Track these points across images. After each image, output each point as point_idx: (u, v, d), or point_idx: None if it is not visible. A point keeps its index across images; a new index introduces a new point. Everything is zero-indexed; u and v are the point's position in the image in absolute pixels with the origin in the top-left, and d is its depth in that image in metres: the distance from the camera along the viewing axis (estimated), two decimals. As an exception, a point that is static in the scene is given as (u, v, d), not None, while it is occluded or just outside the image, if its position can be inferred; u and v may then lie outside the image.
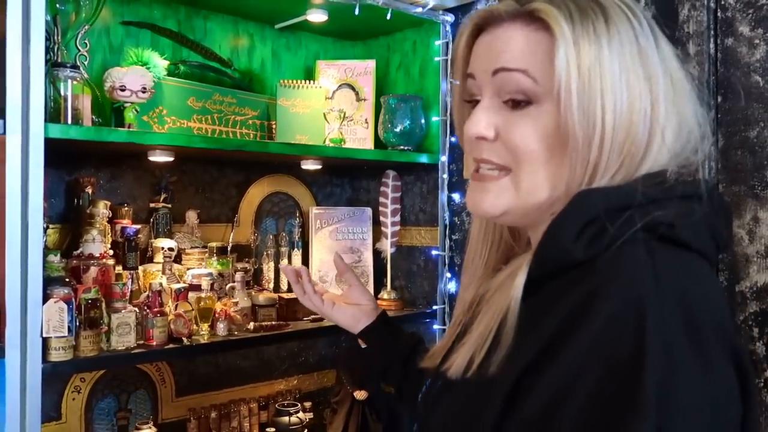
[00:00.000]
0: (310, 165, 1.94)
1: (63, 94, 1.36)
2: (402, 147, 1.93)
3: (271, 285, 1.94)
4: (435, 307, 1.93)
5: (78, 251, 1.50)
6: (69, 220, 1.63)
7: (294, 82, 1.82)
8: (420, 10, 1.84)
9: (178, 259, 1.73)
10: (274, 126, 1.84)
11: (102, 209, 1.60)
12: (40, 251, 1.22)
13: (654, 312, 0.55)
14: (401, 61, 2.06)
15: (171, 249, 1.69)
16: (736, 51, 1.33)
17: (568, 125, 0.65)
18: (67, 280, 1.39)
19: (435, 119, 1.94)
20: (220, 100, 1.76)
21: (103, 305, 1.39)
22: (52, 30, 1.40)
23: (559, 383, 0.57)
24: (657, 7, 1.44)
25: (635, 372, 0.53)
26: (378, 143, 2.00)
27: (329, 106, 1.91)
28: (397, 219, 2.01)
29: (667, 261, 0.59)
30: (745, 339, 1.30)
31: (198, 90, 1.72)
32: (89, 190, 1.62)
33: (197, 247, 1.79)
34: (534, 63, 0.67)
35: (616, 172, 0.65)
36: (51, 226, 1.58)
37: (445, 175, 1.92)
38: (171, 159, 1.61)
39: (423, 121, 1.94)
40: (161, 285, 1.54)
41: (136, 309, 1.45)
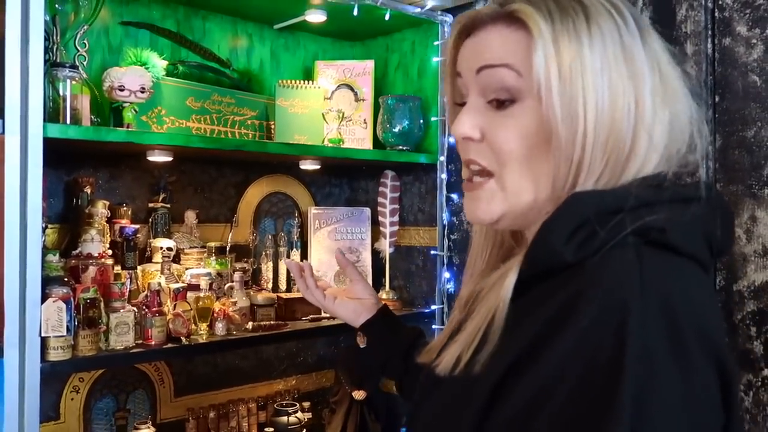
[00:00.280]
0: (308, 165, 1.94)
1: (62, 94, 1.36)
2: (400, 147, 1.93)
3: (270, 285, 1.94)
4: (433, 307, 1.93)
5: (77, 251, 1.50)
6: (68, 219, 1.63)
7: (293, 82, 1.83)
8: (418, 10, 1.85)
9: (176, 259, 1.73)
10: (272, 126, 1.84)
11: (101, 209, 1.60)
12: (38, 251, 1.22)
13: (637, 316, 0.55)
14: (400, 62, 2.06)
15: (170, 249, 1.69)
16: (733, 51, 1.34)
17: (550, 123, 0.65)
18: (66, 279, 1.39)
19: (433, 119, 1.94)
20: (218, 100, 1.77)
21: (102, 305, 1.39)
22: (51, 30, 1.40)
23: (541, 384, 0.57)
24: (655, 7, 1.44)
25: (614, 375, 0.53)
26: (376, 143, 2.00)
27: (328, 106, 1.91)
28: (396, 219, 2.01)
29: (655, 265, 0.59)
30: (743, 338, 1.30)
31: (197, 90, 1.72)
32: (88, 189, 1.62)
33: (196, 247, 1.79)
34: (516, 59, 0.68)
35: (602, 171, 0.65)
36: (50, 225, 1.59)
37: (444, 175, 1.92)
38: (170, 159, 1.61)
39: (421, 121, 1.95)
40: (160, 285, 1.54)
41: (134, 309, 1.45)
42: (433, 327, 1.92)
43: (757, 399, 1.29)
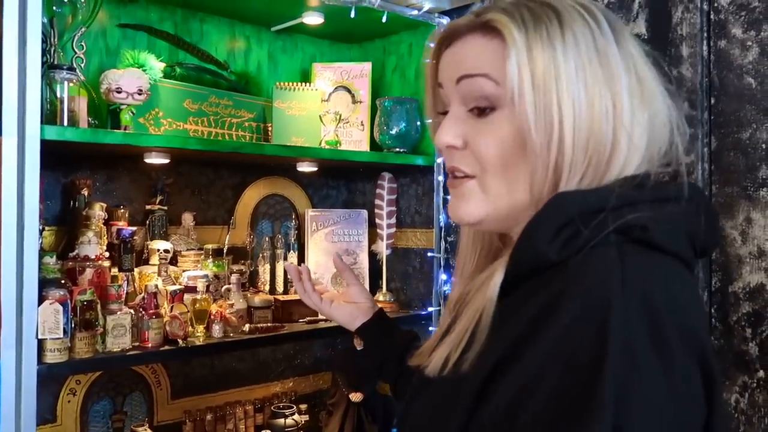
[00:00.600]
0: (305, 167, 1.94)
1: (59, 96, 1.36)
2: (397, 149, 1.94)
3: (267, 287, 1.94)
4: (430, 309, 1.93)
5: (74, 253, 1.49)
6: (65, 222, 1.63)
7: (290, 84, 1.83)
8: (415, 12, 1.85)
9: (173, 261, 1.73)
10: (270, 128, 1.84)
11: (98, 211, 1.60)
12: (35, 253, 1.22)
13: (618, 314, 0.55)
14: (397, 64, 2.07)
15: (167, 251, 1.69)
16: (728, 53, 1.34)
17: (524, 128, 0.67)
18: (63, 281, 1.39)
19: (430, 121, 1.94)
20: (216, 102, 1.77)
21: (99, 307, 1.39)
22: (48, 32, 1.40)
23: (524, 383, 0.57)
24: (650, 10, 1.45)
25: (595, 371, 0.53)
26: (374, 145, 2.00)
27: (325, 108, 1.92)
28: (393, 221, 2.01)
29: (637, 263, 0.60)
30: (738, 340, 1.31)
31: (194, 92, 1.73)
32: (85, 192, 1.62)
33: (193, 249, 1.79)
34: (493, 68, 0.69)
35: (584, 172, 0.66)
36: (47, 228, 1.58)
37: (441, 177, 1.92)
38: (167, 161, 1.61)
39: (418, 124, 1.95)
40: (157, 287, 1.54)
41: (131, 311, 1.45)
42: (430, 329, 1.92)
43: (753, 400, 1.29)
